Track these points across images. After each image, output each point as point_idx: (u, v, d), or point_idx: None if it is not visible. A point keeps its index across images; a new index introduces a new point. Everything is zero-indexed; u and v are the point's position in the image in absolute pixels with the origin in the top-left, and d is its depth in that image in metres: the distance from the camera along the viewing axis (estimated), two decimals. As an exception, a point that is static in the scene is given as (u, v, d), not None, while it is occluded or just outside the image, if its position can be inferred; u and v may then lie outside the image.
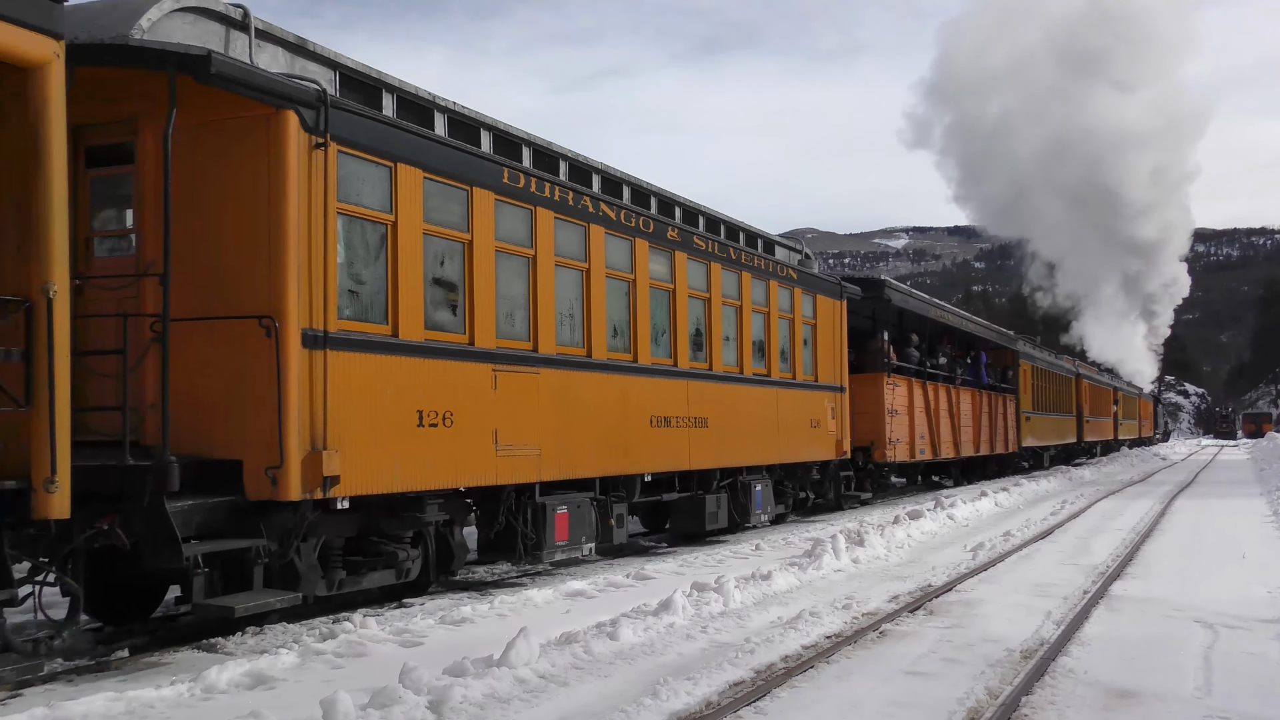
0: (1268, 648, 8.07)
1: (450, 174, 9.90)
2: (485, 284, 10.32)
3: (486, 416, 10.21)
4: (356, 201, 8.94)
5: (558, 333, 11.45)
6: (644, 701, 6.27)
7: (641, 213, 13.28)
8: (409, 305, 9.36)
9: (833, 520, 18.02)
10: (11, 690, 6.93)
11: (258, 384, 8.15)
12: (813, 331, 18.22)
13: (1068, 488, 28.46)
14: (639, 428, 12.84)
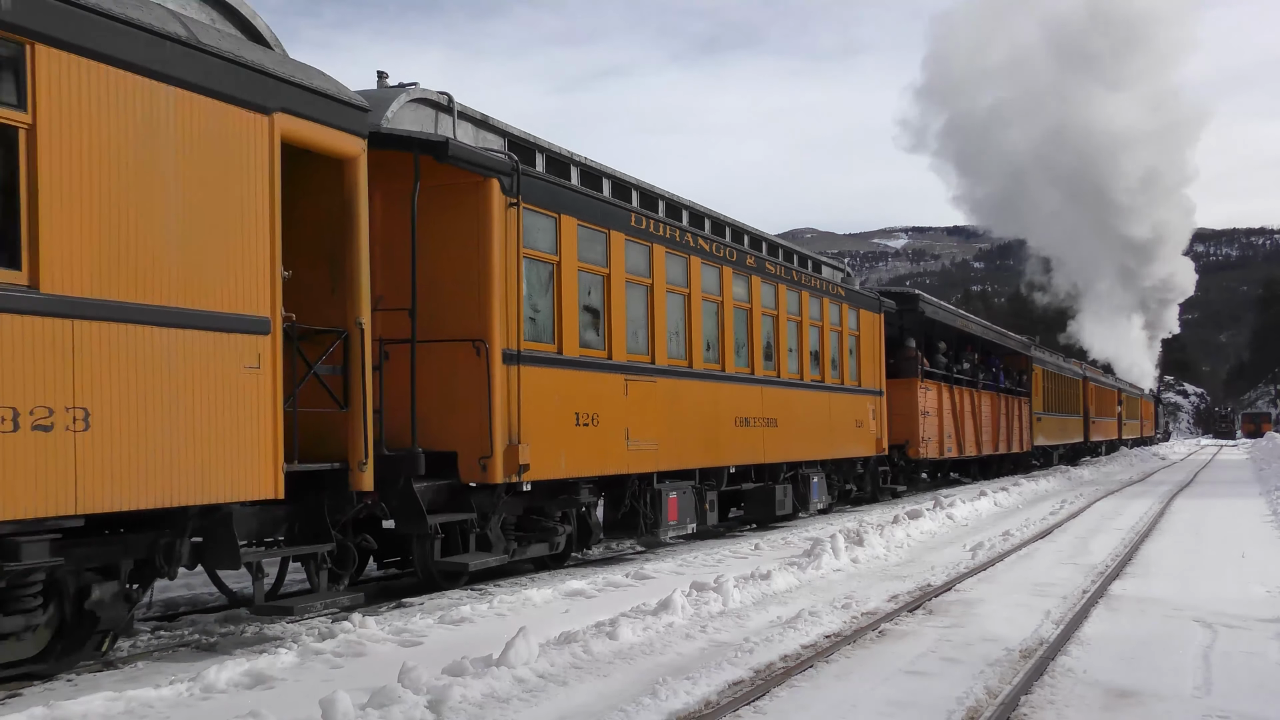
0: (1267, 647, 8.07)
1: (595, 221, 12.28)
2: (619, 309, 12.63)
3: (621, 418, 12.51)
4: (534, 247, 11.20)
5: (668, 347, 13.75)
6: (643, 701, 6.27)
7: (726, 244, 15.74)
8: (568, 328, 11.69)
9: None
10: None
11: (470, 392, 10.45)
12: (857, 341, 20.61)
13: (1067, 487, 28.47)
14: (727, 427, 15.11)
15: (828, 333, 19.14)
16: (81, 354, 6.57)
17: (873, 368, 21.35)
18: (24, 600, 6.87)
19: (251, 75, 7.82)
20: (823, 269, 20.80)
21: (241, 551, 7.88)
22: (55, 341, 6.43)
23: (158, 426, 7.05)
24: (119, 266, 6.88)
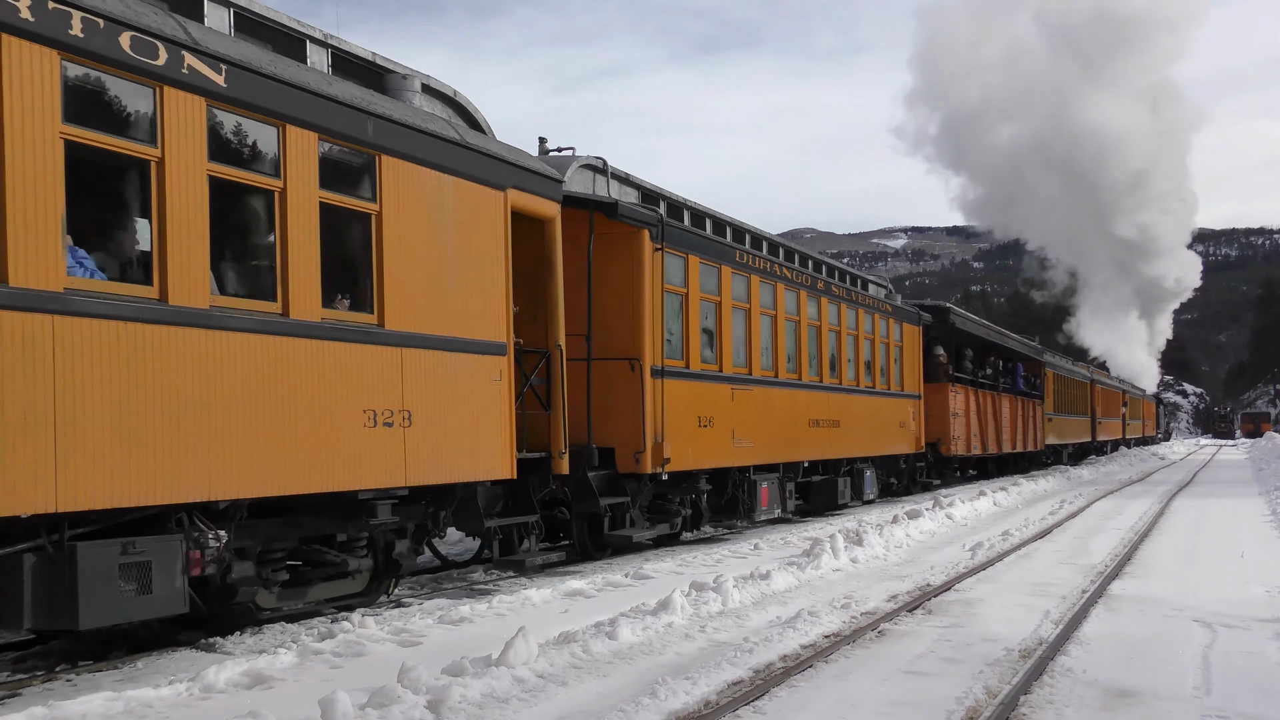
0: (1266, 647, 8.08)
1: (711, 257, 14.98)
2: (727, 329, 15.35)
3: (728, 420, 15.09)
4: (670, 282, 13.87)
5: (761, 360, 16.40)
6: (642, 701, 6.27)
7: (800, 270, 18.45)
8: (694, 346, 14.38)
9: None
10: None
11: (626, 400, 13.08)
12: (900, 351, 23.28)
13: (1066, 487, 28.48)
14: (803, 427, 17.84)
15: (878, 344, 21.90)
16: (407, 372, 9.30)
17: (913, 374, 24.01)
18: (358, 550, 9.47)
19: (494, 163, 10.56)
20: (869, 286, 23.34)
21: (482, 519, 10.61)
22: (393, 364, 9.16)
23: (448, 424, 9.71)
24: (425, 307, 9.57)
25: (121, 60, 7.01)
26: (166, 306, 7.29)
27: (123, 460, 6.95)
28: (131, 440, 6.99)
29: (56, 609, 6.83)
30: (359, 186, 9.05)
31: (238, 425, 7.76)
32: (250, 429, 7.85)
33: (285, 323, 8.20)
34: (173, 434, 7.26)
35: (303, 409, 8.29)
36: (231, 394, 7.71)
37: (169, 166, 7.33)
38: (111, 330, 6.92)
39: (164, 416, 7.21)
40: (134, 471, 7.03)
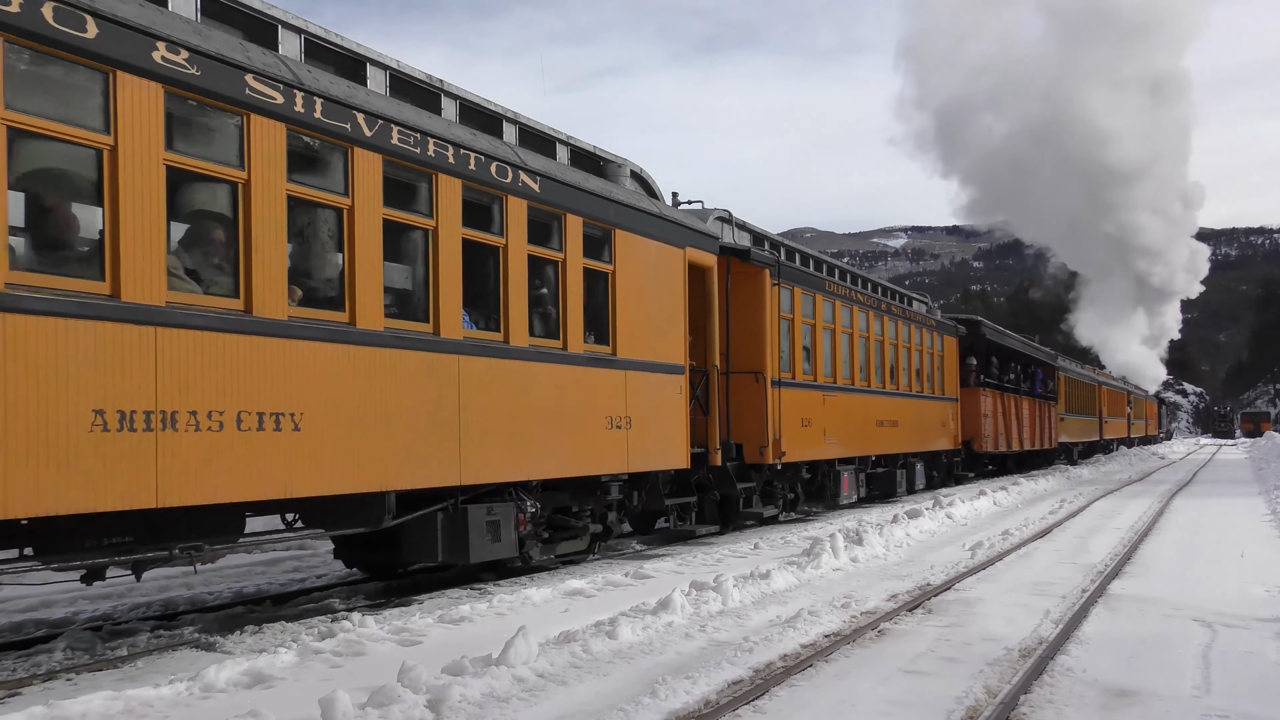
0: (1266, 647, 8.08)
1: (808, 287, 18.53)
2: (820, 346, 18.87)
3: (821, 421, 18.53)
4: (783, 309, 17.31)
5: (842, 370, 19.80)
6: (643, 700, 6.27)
7: (869, 294, 21.92)
8: (797, 361, 17.81)
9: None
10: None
11: (752, 405, 16.43)
12: (941, 360, 26.59)
13: (1066, 487, 28.49)
14: (872, 426, 21.20)
15: (925, 354, 25.21)
16: (629, 389, 12.73)
17: (952, 380, 27.49)
18: (583, 519, 12.63)
19: (679, 229, 14.14)
20: (912, 303, 26.59)
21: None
22: (621, 383, 12.58)
23: (651, 426, 13.14)
24: (639, 339, 12.96)
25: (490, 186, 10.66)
26: (526, 348, 11.03)
27: (494, 450, 10.46)
28: (507, 438, 10.62)
29: (455, 549, 10.33)
30: (602, 254, 12.43)
31: (544, 426, 11.20)
32: (549, 429, 11.28)
33: (564, 354, 11.70)
34: (524, 434, 10.89)
35: (575, 416, 11.76)
36: (543, 403, 11.26)
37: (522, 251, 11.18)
38: (503, 365, 10.70)
39: (519, 422, 10.85)
40: (499, 458, 10.52)
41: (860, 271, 24.31)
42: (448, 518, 10.23)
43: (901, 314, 23.65)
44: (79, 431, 6.74)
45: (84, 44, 6.84)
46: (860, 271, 24.31)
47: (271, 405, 8.06)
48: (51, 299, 6.70)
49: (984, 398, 29.66)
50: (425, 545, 10.33)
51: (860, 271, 24.31)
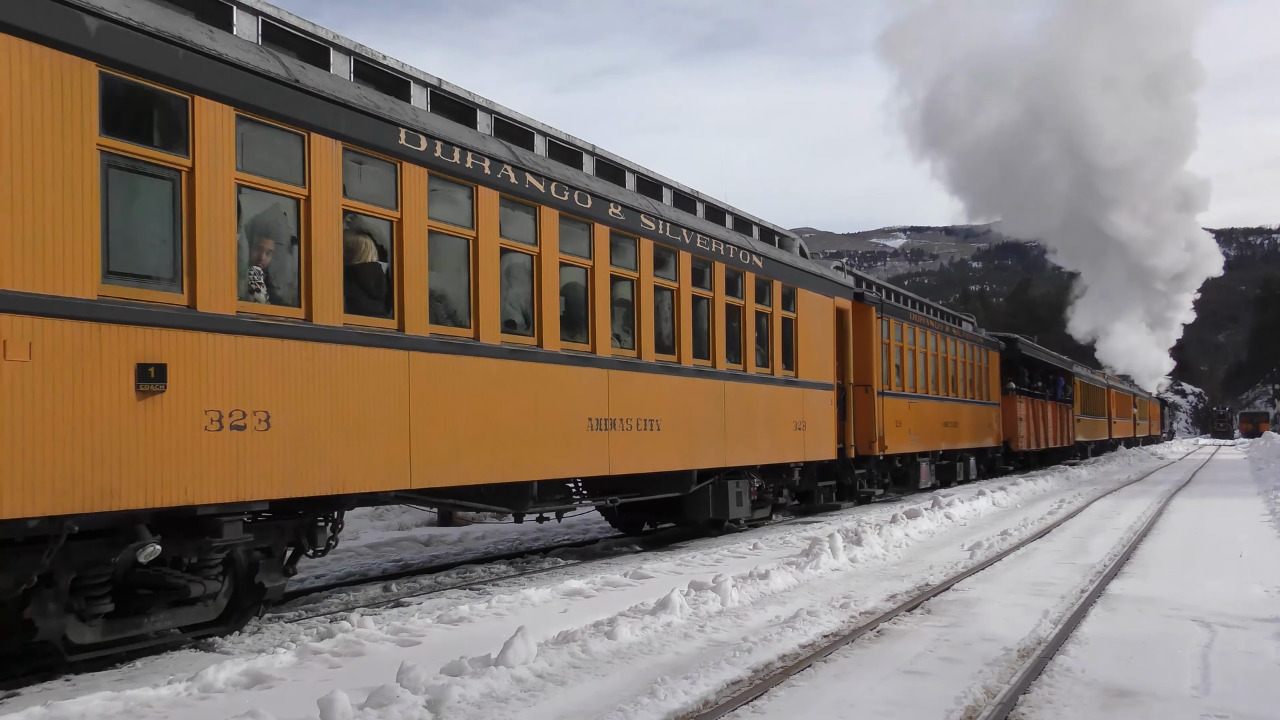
0: (1265, 647, 8.08)
1: (898, 318, 23.12)
2: (906, 362, 23.34)
3: (908, 423, 23.01)
4: (884, 337, 21.89)
5: (919, 382, 24.39)
6: (642, 701, 6.27)
7: (937, 320, 26.60)
8: (891, 375, 22.27)
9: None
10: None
11: (864, 411, 20.75)
12: (986, 372, 31.50)
13: (1065, 487, 28.50)
14: (939, 427, 25.89)
15: (976, 367, 30.12)
16: (806, 401, 17.52)
17: (995, 388, 32.57)
18: (770, 493, 17.29)
19: (831, 284, 19.31)
20: (961, 323, 30.40)
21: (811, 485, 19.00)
22: (800, 396, 17.34)
23: (817, 428, 18.05)
24: (810, 364, 17.95)
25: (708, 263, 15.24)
26: (754, 374, 16.04)
27: (739, 444, 15.41)
28: (745, 435, 15.60)
29: (718, 508, 15.40)
30: (790, 306, 17.42)
31: (762, 427, 16.21)
32: (765, 429, 16.29)
33: (772, 378, 16.65)
34: (753, 433, 15.88)
35: (777, 421, 16.78)
36: (763, 412, 16.24)
37: (718, 303, 15.26)
38: (744, 386, 15.79)
39: (752, 425, 15.81)
40: (742, 449, 15.53)
41: (927, 300, 28.76)
42: (716, 487, 15.43)
43: (959, 334, 28.61)
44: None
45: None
46: (927, 300, 28.76)
47: (645, 414, 13.18)
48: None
49: (1019, 403, 34.75)
50: (701, 506, 15.43)
51: (927, 300, 28.76)
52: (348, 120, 8.81)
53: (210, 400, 7.60)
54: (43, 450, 6.57)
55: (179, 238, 7.49)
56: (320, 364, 8.50)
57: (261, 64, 8.11)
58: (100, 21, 6.94)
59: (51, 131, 6.71)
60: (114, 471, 6.96)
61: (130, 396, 7.07)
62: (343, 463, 8.66)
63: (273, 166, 8.22)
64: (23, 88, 6.56)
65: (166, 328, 7.32)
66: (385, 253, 9.36)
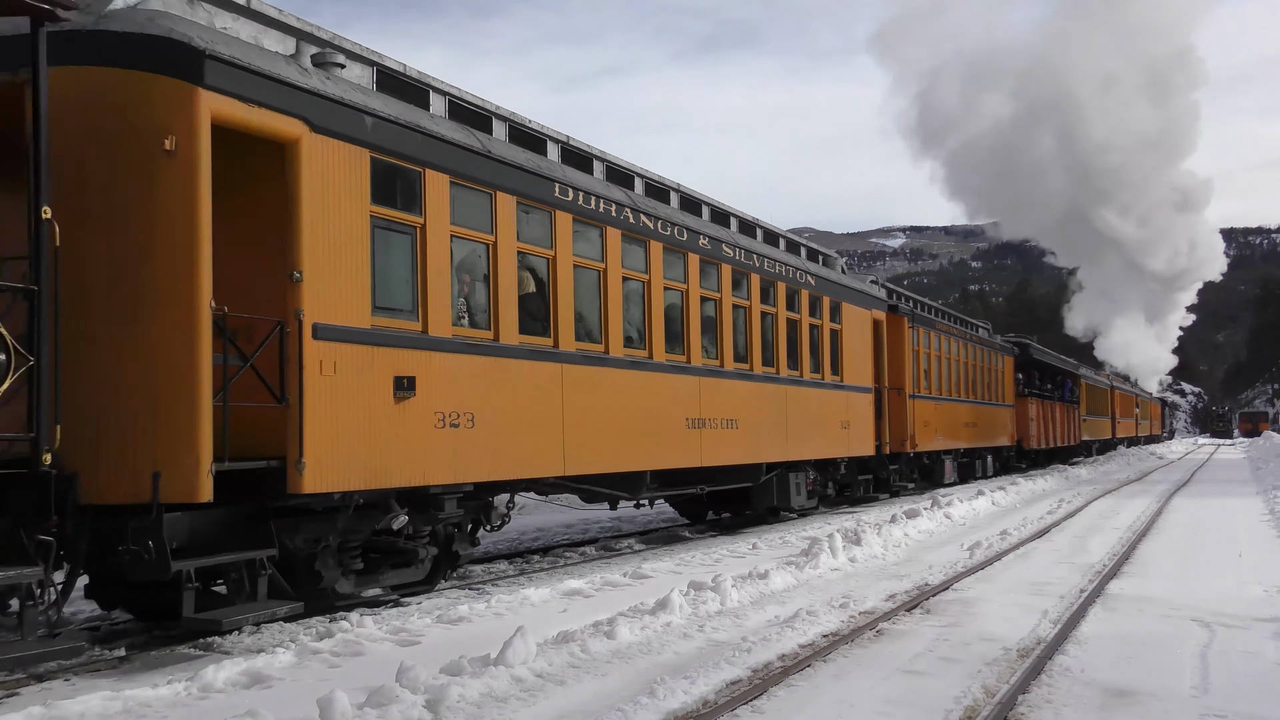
0: (1265, 646, 8.08)
1: (926, 327, 25.37)
2: (934, 367, 25.82)
3: (935, 423, 25.24)
4: (913, 345, 24.12)
5: (945, 385, 26.82)
6: (641, 701, 6.26)
7: (960, 328, 29.61)
8: (920, 379, 24.33)
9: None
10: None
11: (897, 412, 22.85)
12: (1002, 376, 33.79)
13: (1064, 486, 28.51)
14: (962, 427, 28.32)
15: (992, 371, 32.35)
16: (850, 404, 20.11)
17: (1009, 391, 34.90)
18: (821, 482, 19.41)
19: (870, 298, 21.89)
20: (978, 330, 32.77)
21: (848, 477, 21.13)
22: (845, 399, 19.81)
23: (859, 427, 20.47)
24: (853, 371, 20.38)
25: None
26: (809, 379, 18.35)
27: (798, 440, 17.60)
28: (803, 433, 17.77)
29: (781, 498, 17.47)
30: (836, 318, 19.83)
31: (815, 426, 18.43)
32: (817, 428, 18.51)
33: (823, 382, 19.00)
34: (809, 431, 18.11)
35: (827, 420, 19.10)
36: (816, 412, 18.53)
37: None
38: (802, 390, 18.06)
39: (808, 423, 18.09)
40: (800, 445, 17.69)
41: (950, 309, 31.96)
42: (779, 478, 17.43)
43: (977, 341, 30.97)
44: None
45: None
46: (950, 309, 31.96)
47: (727, 414, 15.25)
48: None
49: (1030, 405, 37.09)
50: (766, 495, 17.47)
51: (950, 309, 31.96)
52: (519, 179, 10.96)
53: (438, 404, 9.68)
54: (345, 441, 8.65)
55: (415, 278, 9.59)
56: (504, 375, 10.64)
57: (466, 141, 10.36)
58: (374, 119, 9.20)
59: (347, 203, 8.86)
60: (382, 457, 9.05)
61: (390, 401, 9.17)
62: (520, 453, 10.86)
63: (472, 219, 10.33)
64: (335, 172, 8.75)
65: (411, 349, 9.43)
66: (543, 284, 11.45)
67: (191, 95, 7.72)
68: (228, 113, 7.95)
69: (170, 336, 7.62)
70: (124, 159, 7.72)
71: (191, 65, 7.74)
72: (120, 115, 7.73)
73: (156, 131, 7.67)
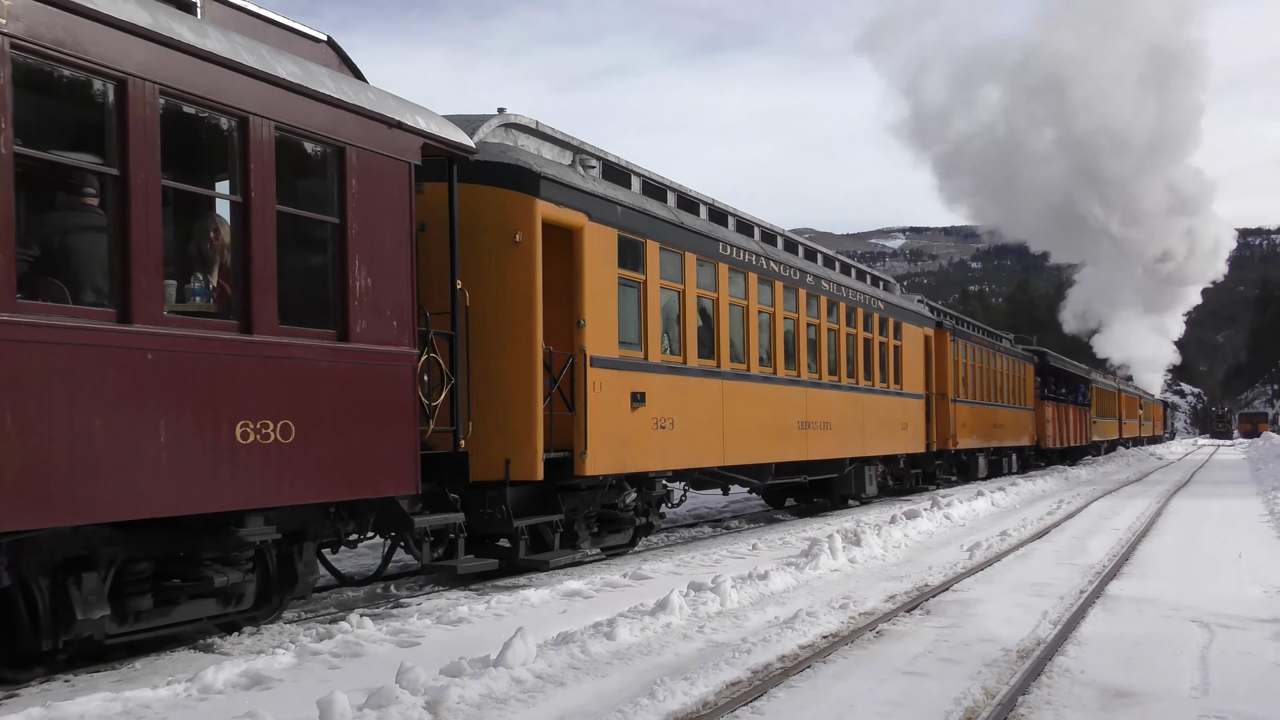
0: (1264, 647, 8.08)
1: (965, 340, 29.26)
2: (968, 375, 29.10)
3: (970, 424, 28.78)
4: (954, 355, 28.00)
5: (977, 390, 29.97)
6: (641, 702, 6.26)
7: (986, 339, 32.73)
8: (959, 386, 27.88)
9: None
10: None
11: (941, 414, 26.42)
12: (1023, 382, 37.31)
13: (1064, 487, 28.51)
14: (991, 428, 31.56)
15: (1015, 378, 35.78)
16: (906, 407, 23.77)
17: (1030, 395, 38.32)
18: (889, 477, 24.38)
19: (922, 315, 26.12)
20: (1002, 339, 36.20)
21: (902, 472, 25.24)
22: (902, 403, 23.43)
23: (913, 428, 24.20)
24: (909, 379, 24.09)
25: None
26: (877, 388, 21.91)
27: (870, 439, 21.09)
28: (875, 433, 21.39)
29: (858, 488, 21.42)
30: (898, 336, 23.19)
31: (883, 427, 21.86)
32: (885, 429, 21.95)
33: (889, 391, 22.46)
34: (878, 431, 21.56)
35: (891, 422, 22.36)
36: (883, 416, 21.77)
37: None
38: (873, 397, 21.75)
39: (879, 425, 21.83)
40: (872, 443, 21.30)
41: (980, 324, 35.23)
42: (855, 471, 21.02)
43: (1004, 351, 34.51)
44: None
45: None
46: (980, 324, 35.23)
47: (823, 418, 18.74)
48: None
49: (1048, 408, 40.63)
50: (847, 484, 21.00)
51: (980, 324, 35.23)
52: (697, 241, 14.53)
53: (655, 412, 13.17)
54: (606, 439, 12.06)
55: (640, 320, 13.03)
56: (689, 389, 14.14)
57: (669, 217, 14.01)
58: (621, 208, 12.75)
59: (605, 268, 12.35)
60: (625, 451, 12.49)
61: (629, 410, 12.62)
62: (699, 448, 14.34)
63: (671, 273, 13.88)
64: (599, 247, 12.20)
65: (640, 371, 12.89)
66: (709, 318, 15.03)
67: (531, 205, 11.16)
68: (549, 214, 11.34)
69: (518, 367, 11.04)
70: (490, 246, 10.99)
71: (531, 183, 11.17)
72: (488, 216, 10.98)
73: (510, 229, 11.08)
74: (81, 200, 6.97)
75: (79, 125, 7.09)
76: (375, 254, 8.66)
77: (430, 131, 9.36)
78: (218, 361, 7.34)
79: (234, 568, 8.08)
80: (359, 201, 8.53)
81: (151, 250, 6.88)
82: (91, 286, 6.81)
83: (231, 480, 7.39)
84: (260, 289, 7.67)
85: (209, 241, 7.96)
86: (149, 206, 6.88)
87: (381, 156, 8.81)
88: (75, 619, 6.99)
